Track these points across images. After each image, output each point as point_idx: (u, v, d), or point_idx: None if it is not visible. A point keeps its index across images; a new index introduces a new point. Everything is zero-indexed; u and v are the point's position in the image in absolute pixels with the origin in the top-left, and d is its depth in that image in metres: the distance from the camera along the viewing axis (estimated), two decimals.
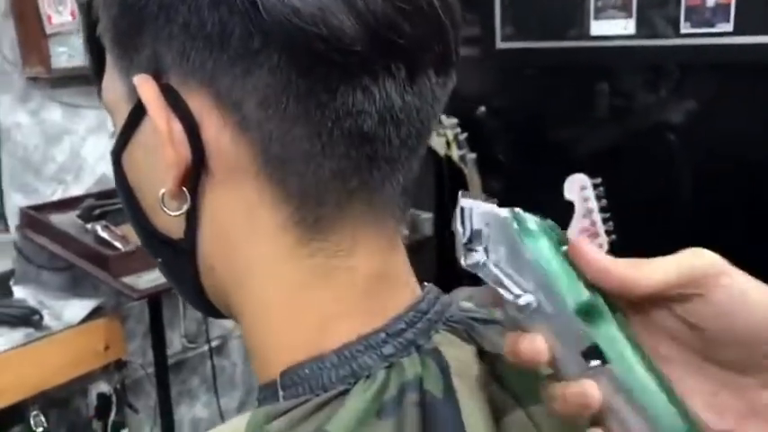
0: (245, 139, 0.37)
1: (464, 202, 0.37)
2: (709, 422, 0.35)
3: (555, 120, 2.30)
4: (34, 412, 1.39)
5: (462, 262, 0.37)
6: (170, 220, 0.41)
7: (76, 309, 1.51)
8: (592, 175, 1.81)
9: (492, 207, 0.37)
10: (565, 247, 0.35)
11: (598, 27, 2.08)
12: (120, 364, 1.67)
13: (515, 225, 0.35)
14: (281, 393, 0.39)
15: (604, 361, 0.34)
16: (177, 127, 0.37)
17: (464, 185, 2.15)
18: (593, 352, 0.34)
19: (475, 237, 0.36)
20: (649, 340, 0.36)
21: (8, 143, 1.72)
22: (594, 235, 1.76)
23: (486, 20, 2.22)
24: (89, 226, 1.60)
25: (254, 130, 0.36)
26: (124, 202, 0.45)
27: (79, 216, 1.64)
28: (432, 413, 0.38)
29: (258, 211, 0.39)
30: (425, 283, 0.45)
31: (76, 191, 1.85)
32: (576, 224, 1.78)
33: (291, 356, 0.39)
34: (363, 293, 0.40)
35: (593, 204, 1.81)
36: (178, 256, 0.42)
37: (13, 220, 1.74)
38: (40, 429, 1.38)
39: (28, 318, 1.44)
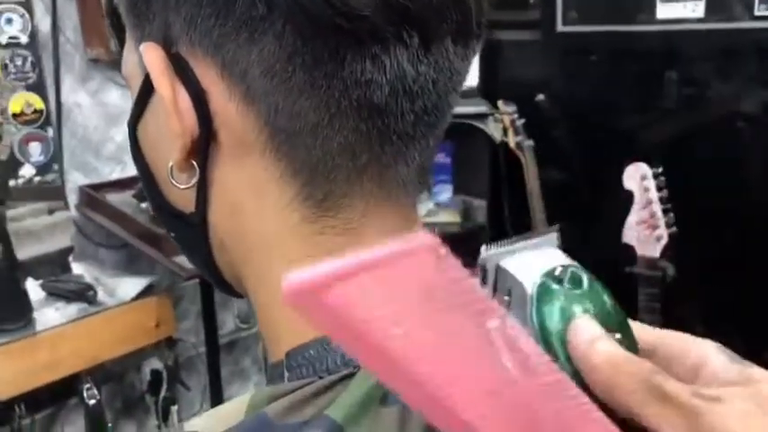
0: (252, 110, 0.36)
1: (486, 255, 0.30)
2: None
3: (617, 107, 2.22)
4: (87, 385, 1.42)
5: None
6: (181, 193, 0.40)
7: (130, 286, 1.55)
8: (654, 165, 1.74)
9: (522, 267, 0.29)
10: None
11: (665, 10, 1.99)
12: (171, 342, 1.70)
13: (535, 306, 0.28)
14: (285, 374, 0.38)
15: None
16: (184, 96, 0.36)
17: (520, 173, 2.11)
18: None
19: (497, 299, 0.30)
20: None
21: (69, 123, 1.77)
22: (653, 227, 1.69)
23: (546, 2, 2.16)
24: (144, 205, 1.63)
25: (260, 102, 0.35)
26: (140, 174, 0.44)
27: (135, 195, 1.68)
28: None
29: (266, 187, 0.37)
30: None
31: (134, 171, 1.89)
32: (635, 215, 1.71)
33: (299, 337, 0.38)
34: None
35: (654, 195, 1.74)
36: (190, 230, 0.42)
37: (72, 198, 1.79)
38: (93, 401, 1.42)
39: (83, 293, 1.48)
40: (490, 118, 2.13)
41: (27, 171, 1.72)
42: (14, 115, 1.65)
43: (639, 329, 0.30)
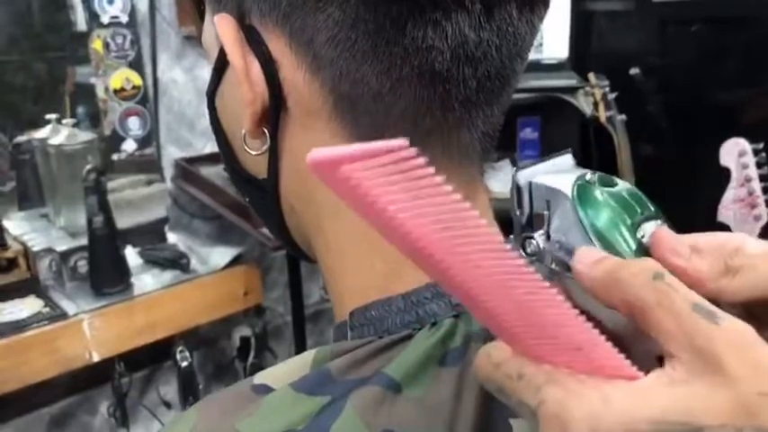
0: (318, 78, 0.37)
1: (519, 176, 0.31)
2: None
3: (718, 80, 2.11)
4: (180, 348, 1.50)
5: (521, 253, 0.31)
6: (254, 160, 0.42)
7: (220, 255, 1.61)
8: (755, 141, 1.65)
9: (554, 175, 0.31)
10: (643, 234, 0.29)
11: None
12: (260, 311, 1.77)
13: (578, 202, 0.29)
14: (348, 333, 0.39)
15: None
16: (255, 66, 0.38)
17: (611, 148, 2.05)
18: None
19: (536, 221, 0.31)
20: None
21: (165, 99, 1.85)
22: (752, 206, 1.61)
23: None
24: None
25: (326, 69, 0.36)
26: (217, 142, 0.46)
27: (226, 169, 1.73)
28: None
29: None
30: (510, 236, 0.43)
31: None
32: (732, 193, 1.64)
33: (362, 298, 0.39)
34: None
35: (754, 172, 1.65)
36: (263, 195, 0.43)
37: (168, 170, 1.87)
38: (185, 364, 1.50)
39: (176, 261, 1.56)
40: (580, 91, 2.08)
41: (129, 146, 1.82)
42: (115, 91, 1.74)
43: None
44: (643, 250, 0.29)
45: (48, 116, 1.63)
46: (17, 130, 1.76)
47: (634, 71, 2.23)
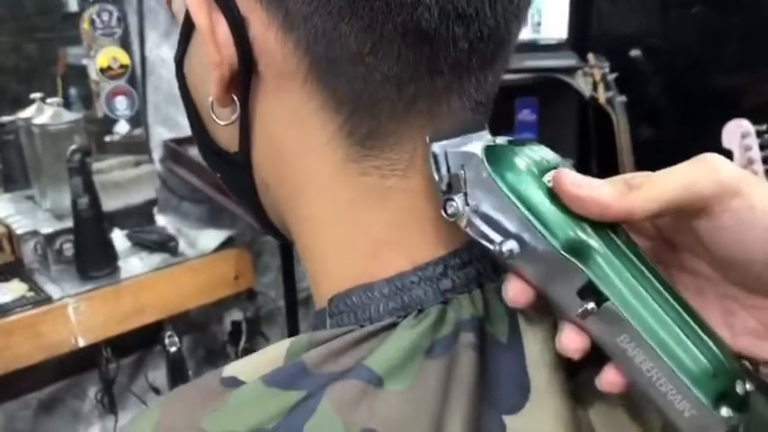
0: (291, 38, 0.33)
1: (435, 146, 0.33)
2: None
3: (720, 62, 2.07)
4: (168, 333, 1.47)
5: (443, 214, 0.33)
6: (225, 131, 0.38)
7: (210, 238, 1.57)
8: (757, 123, 1.62)
9: (467, 144, 0.33)
10: (550, 179, 0.31)
11: None
12: (251, 295, 1.73)
13: (486, 160, 0.31)
14: (327, 321, 0.36)
15: (601, 299, 0.30)
16: (222, 24, 0.34)
17: (610, 130, 2.01)
18: (589, 290, 0.30)
19: (454, 183, 0.32)
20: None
21: (153, 77, 1.80)
22: None
23: None
24: None
25: (299, 28, 0.32)
26: (187, 114, 0.43)
27: None
28: (491, 359, 0.33)
29: (308, 120, 0.35)
30: None
31: None
32: None
33: (342, 283, 0.36)
34: (422, 220, 0.35)
35: (756, 154, 1.62)
36: (234, 170, 0.40)
37: (157, 152, 1.83)
38: (174, 349, 1.47)
39: (165, 244, 1.52)
40: (579, 72, 2.04)
41: (122, 127, 1.77)
42: (102, 70, 1.69)
43: None
44: (552, 195, 0.31)
45: (33, 95, 1.59)
46: (5, 111, 1.72)
47: (635, 53, 2.19)
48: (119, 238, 1.55)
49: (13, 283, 1.39)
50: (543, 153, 0.33)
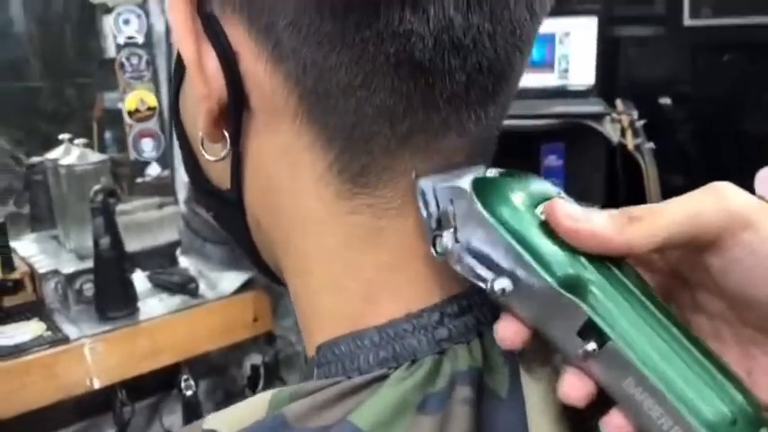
0: (281, 70, 0.32)
1: (422, 181, 0.31)
2: None
3: (751, 109, 2.04)
4: (184, 376, 1.45)
5: (433, 252, 0.31)
6: (217, 168, 0.37)
7: (230, 280, 1.56)
8: None
9: (456, 179, 0.31)
10: (542, 210, 0.29)
11: None
12: (271, 339, 1.71)
13: (475, 193, 0.30)
14: (315, 372, 0.34)
15: (603, 339, 0.27)
16: (211, 56, 0.33)
17: (638, 177, 1.98)
18: (589, 329, 0.27)
19: (443, 220, 0.31)
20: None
21: None
22: None
23: None
24: None
25: (289, 59, 0.31)
26: (180, 149, 0.42)
27: None
28: (489, 414, 0.31)
29: (299, 159, 0.33)
30: None
31: None
32: None
33: (331, 330, 0.34)
34: (418, 262, 0.33)
35: None
36: (227, 209, 0.38)
37: (182, 194, 1.83)
38: (190, 393, 1.44)
39: (185, 285, 1.51)
40: (607, 118, 2.02)
41: (153, 170, 1.79)
42: (130, 113, 1.72)
43: None
44: (547, 228, 0.29)
45: (61, 136, 1.61)
46: (37, 152, 1.75)
47: (664, 101, 2.16)
48: (140, 279, 1.55)
49: (33, 323, 1.39)
50: (538, 185, 0.31)
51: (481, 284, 0.29)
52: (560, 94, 2.11)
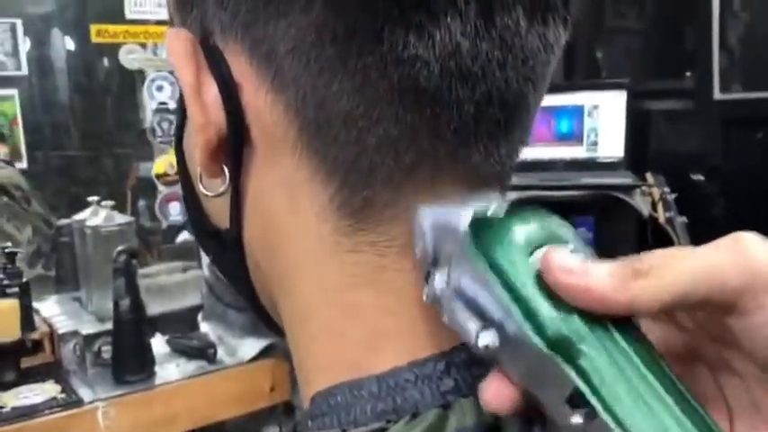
0: (282, 100, 0.30)
1: (420, 214, 0.28)
2: None
3: None
4: None
5: (423, 297, 0.28)
6: (216, 206, 0.35)
7: (250, 347, 1.53)
8: None
9: (454, 214, 0.27)
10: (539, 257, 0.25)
11: None
12: (289, 409, 1.66)
13: (471, 234, 0.26)
14: (309, 424, 0.31)
15: (594, 412, 0.23)
16: (210, 86, 0.32)
17: None
18: (579, 398, 0.24)
19: (439, 257, 0.27)
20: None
21: None
22: None
23: (701, 67, 2.01)
24: None
25: (290, 89, 0.30)
26: (182, 188, 0.40)
27: None
28: None
29: (298, 194, 0.31)
30: None
31: None
32: None
33: (327, 379, 0.31)
34: (423, 306, 0.31)
35: None
36: (225, 250, 0.36)
37: (206, 258, 1.83)
38: None
39: (204, 351, 1.48)
40: (637, 191, 1.99)
41: (185, 236, 1.80)
42: (158, 176, 1.74)
43: None
44: (539, 280, 0.25)
45: (90, 198, 1.63)
46: (66, 215, 1.78)
47: (696, 177, 2.13)
48: (159, 343, 1.53)
49: (47, 384, 1.37)
50: (547, 226, 0.27)
51: (464, 337, 0.26)
52: (589, 166, 2.10)
